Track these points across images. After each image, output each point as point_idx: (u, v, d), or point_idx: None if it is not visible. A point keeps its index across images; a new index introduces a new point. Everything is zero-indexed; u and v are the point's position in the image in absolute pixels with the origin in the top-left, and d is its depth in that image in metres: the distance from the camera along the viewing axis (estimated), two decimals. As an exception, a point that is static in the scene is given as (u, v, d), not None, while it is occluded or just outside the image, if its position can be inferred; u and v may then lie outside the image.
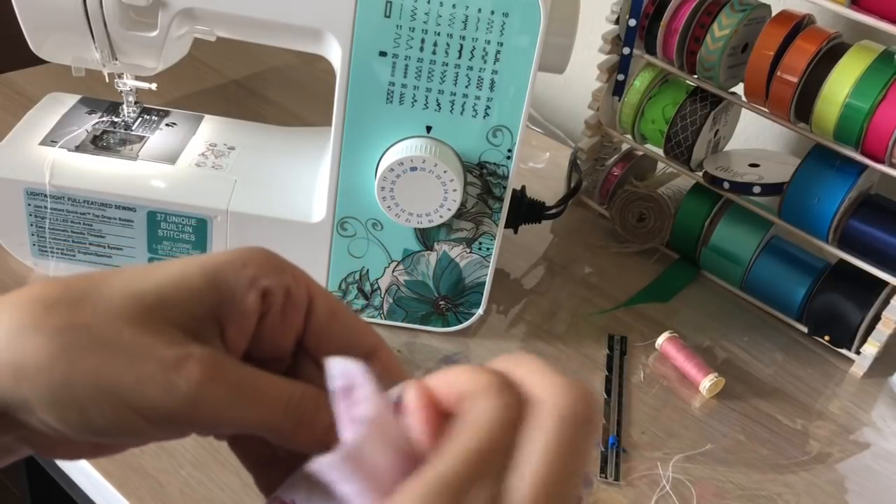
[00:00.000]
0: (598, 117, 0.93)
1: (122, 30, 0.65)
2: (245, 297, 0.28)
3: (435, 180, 0.66)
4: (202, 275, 0.28)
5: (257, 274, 0.28)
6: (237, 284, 0.28)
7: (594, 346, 0.79)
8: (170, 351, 0.26)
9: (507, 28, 0.62)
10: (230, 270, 0.28)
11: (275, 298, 0.29)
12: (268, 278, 0.28)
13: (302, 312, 0.30)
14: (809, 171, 0.79)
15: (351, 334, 0.30)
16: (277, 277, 0.29)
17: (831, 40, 0.76)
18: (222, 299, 0.28)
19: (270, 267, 0.29)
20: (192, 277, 0.27)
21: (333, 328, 0.30)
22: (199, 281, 0.28)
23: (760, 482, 0.68)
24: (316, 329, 0.30)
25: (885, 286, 0.78)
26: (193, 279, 0.27)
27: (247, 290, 0.28)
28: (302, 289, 0.29)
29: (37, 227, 0.71)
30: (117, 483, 0.59)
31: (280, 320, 0.29)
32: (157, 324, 0.26)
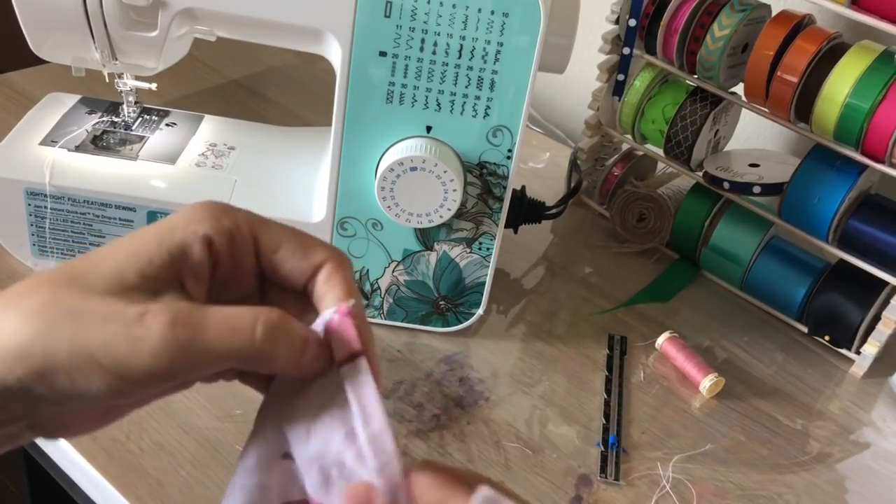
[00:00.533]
0: (598, 117, 0.93)
1: (122, 30, 0.65)
2: (192, 250, 0.31)
3: (435, 180, 0.66)
4: (154, 241, 0.31)
5: (199, 227, 0.32)
6: (184, 242, 0.31)
7: (594, 346, 0.79)
8: (131, 309, 0.29)
9: (507, 28, 0.62)
10: (177, 230, 0.31)
11: (218, 244, 0.32)
12: (208, 227, 0.32)
13: (250, 251, 0.33)
14: (809, 171, 0.79)
15: (299, 259, 0.33)
16: (217, 224, 0.32)
17: (831, 40, 0.76)
18: (173, 258, 0.31)
19: (211, 217, 0.32)
20: (145, 245, 0.31)
21: (282, 258, 0.33)
22: (151, 247, 0.31)
23: (760, 482, 0.68)
24: (266, 262, 0.33)
25: (885, 286, 0.78)
26: (146, 246, 0.31)
27: (193, 244, 0.31)
28: (244, 230, 0.32)
29: (37, 227, 0.71)
30: (117, 483, 0.59)
31: (231, 263, 0.32)
32: (121, 291, 0.30)
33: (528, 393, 0.72)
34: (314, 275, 0.33)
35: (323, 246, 0.34)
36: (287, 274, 0.33)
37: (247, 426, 0.38)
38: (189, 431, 0.63)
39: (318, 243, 0.34)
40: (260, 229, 0.33)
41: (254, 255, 0.33)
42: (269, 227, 0.33)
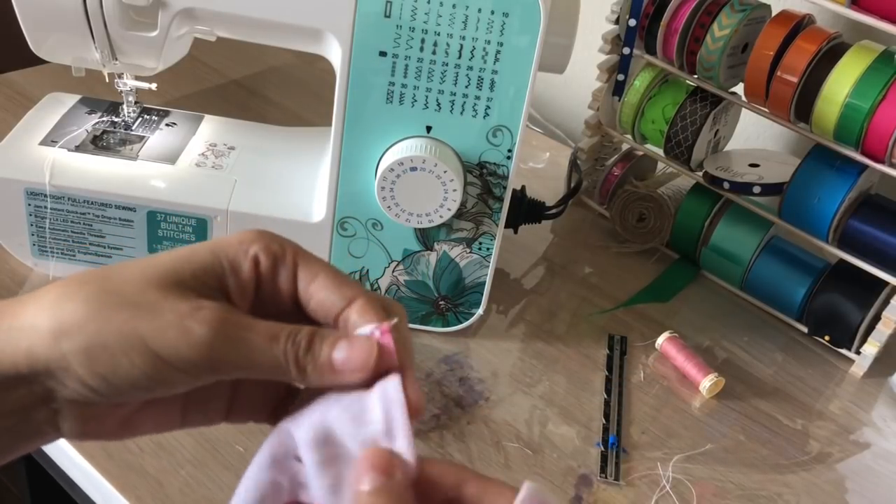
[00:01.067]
0: (598, 117, 0.93)
1: (122, 30, 0.65)
2: (242, 267, 0.34)
3: (435, 180, 0.66)
4: (208, 251, 0.34)
5: (250, 247, 0.34)
6: (235, 257, 0.34)
7: (594, 346, 0.79)
8: (185, 304, 0.32)
9: (507, 28, 0.62)
10: (229, 246, 0.34)
11: (264, 266, 0.34)
12: (257, 248, 0.34)
13: (291, 277, 0.35)
14: (809, 171, 0.79)
15: (331, 292, 0.35)
16: (266, 247, 0.35)
17: (831, 40, 0.76)
18: (224, 270, 0.34)
19: (261, 240, 0.35)
20: (199, 253, 0.34)
21: (316, 287, 0.35)
22: (205, 255, 0.34)
23: (760, 482, 0.68)
24: (303, 289, 0.35)
25: (885, 286, 0.78)
26: (201, 254, 0.34)
27: (243, 261, 0.34)
28: (288, 255, 0.35)
29: (37, 227, 0.71)
30: (117, 483, 0.59)
31: (273, 285, 0.35)
32: (173, 286, 0.32)
33: (528, 393, 0.72)
34: (346, 307, 0.34)
35: (356, 284, 0.35)
36: (320, 303, 0.35)
37: (247, 426, 0.38)
38: (189, 431, 0.63)
39: (353, 282, 0.35)
40: (301, 259, 0.35)
41: (293, 281, 0.35)
42: (309, 259, 0.35)
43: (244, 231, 0.35)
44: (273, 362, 0.33)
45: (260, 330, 0.32)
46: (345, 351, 0.33)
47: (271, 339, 0.32)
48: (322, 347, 0.33)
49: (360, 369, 0.33)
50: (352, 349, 0.33)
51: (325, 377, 0.33)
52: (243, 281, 0.34)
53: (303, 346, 0.33)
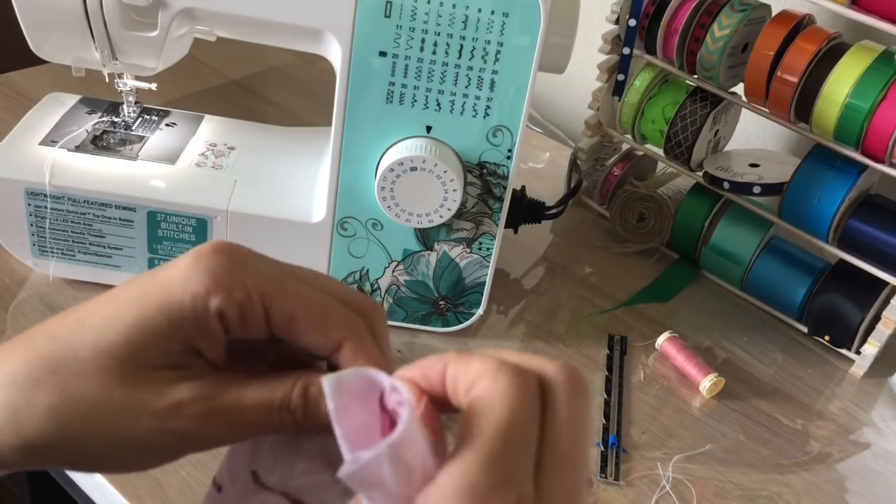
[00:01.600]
0: (598, 117, 0.93)
1: (122, 30, 0.65)
2: (207, 327, 0.29)
3: (435, 180, 0.66)
4: (164, 318, 0.28)
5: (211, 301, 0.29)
6: (196, 318, 0.29)
7: (594, 346, 0.79)
8: (160, 402, 0.28)
9: (507, 28, 0.62)
10: (185, 305, 0.29)
11: (231, 318, 0.29)
12: (219, 301, 0.29)
13: (263, 325, 0.30)
14: (809, 171, 0.79)
15: (315, 336, 0.30)
16: (228, 298, 0.29)
17: (831, 40, 0.76)
18: (187, 334, 0.29)
19: (222, 289, 0.29)
20: (154, 322, 0.28)
21: (297, 333, 0.30)
22: (161, 324, 0.28)
23: (760, 482, 0.68)
24: (282, 334, 0.30)
25: (885, 286, 0.78)
26: (154, 322, 0.28)
27: (206, 320, 0.29)
28: (256, 303, 0.29)
29: (37, 227, 0.71)
30: (117, 483, 0.59)
31: (243, 331, 0.30)
32: (139, 375, 0.28)
33: (528, 393, 0.72)
34: (335, 352, 0.31)
35: (339, 317, 0.30)
36: (307, 347, 0.31)
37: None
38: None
39: (335, 315, 0.30)
40: (273, 300, 0.30)
41: (268, 327, 0.30)
42: (282, 296, 0.30)
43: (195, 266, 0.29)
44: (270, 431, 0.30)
45: (249, 406, 0.29)
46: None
47: (266, 412, 0.29)
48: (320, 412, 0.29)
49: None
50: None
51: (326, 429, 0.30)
52: (212, 338, 0.30)
53: (299, 414, 0.30)
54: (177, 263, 0.29)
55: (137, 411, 0.28)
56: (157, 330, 0.28)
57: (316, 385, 0.30)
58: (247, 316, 0.29)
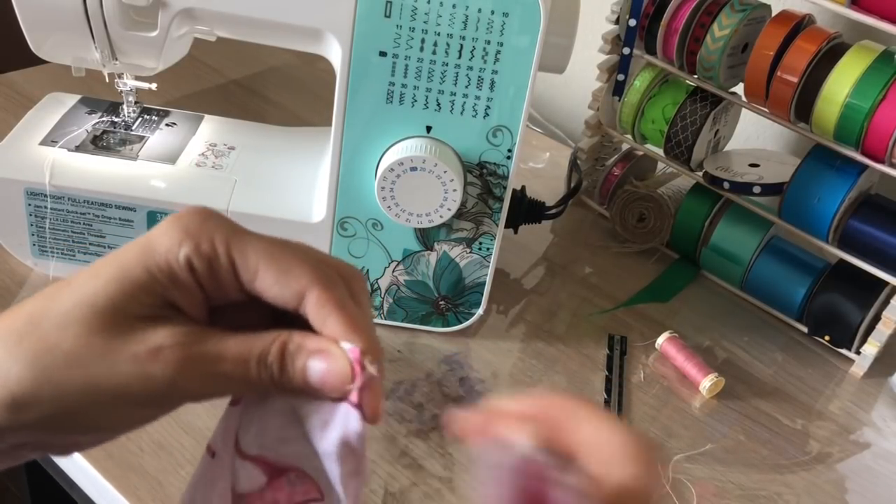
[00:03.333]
0: (598, 117, 0.93)
1: (122, 30, 0.65)
2: (179, 277, 0.30)
3: (435, 180, 0.66)
4: (141, 268, 0.30)
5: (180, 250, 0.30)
6: (170, 268, 0.30)
7: (594, 346, 0.79)
8: (140, 347, 0.29)
9: (507, 28, 0.62)
10: (160, 256, 0.30)
11: (199, 268, 0.30)
12: (188, 250, 0.30)
13: (231, 275, 0.31)
14: (809, 171, 0.79)
15: (280, 287, 0.31)
16: (196, 249, 0.30)
17: (831, 40, 0.76)
18: (164, 285, 0.30)
19: (189, 239, 0.30)
20: (132, 273, 0.30)
21: (261, 287, 0.31)
22: (139, 275, 0.30)
23: (760, 482, 0.68)
24: (249, 287, 0.31)
25: (885, 286, 0.78)
26: (134, 274, 0.30)
27: (179, 271, 0.30)
28: (221, 254, 0.31)
29: (37, 227, 0.71)
30: (117, 483, 0.59)
31: (215, 284, 0.31)
32: (118, 324, 0.29)
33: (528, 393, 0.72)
34: (301, 303, 0.31)
35: (303, 268, 0.31)
36: (273, 299, 0.31)
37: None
38: (189, 431, 0.63)
39: (299, 266, 0.31)
40: (237, 252, 0.31)
41: (237, 279, 0.31)
42: (245, 248, 0.31)
43: (169, 224, 0.31)
44: (248, 387, 0.30)
45: (228, 357, 0.30)
46: (320, 371, 0.30)
47: (242, 364, 0.30)
48: (296, 370, 0.30)
49: (337, 389, 0.30)
50: (328, 369, 0.30)
51: (305, 393, 0.31)
52: (187, 289, 0.30)
53: (276, 370, 0.30)
54: (158, 225, 0.31)
55: (116, 356, 0.29)
56: (136, 282, 0.29)
57: (295, 342, 0.30)
58: (214, 267, 0.30)
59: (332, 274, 0.32)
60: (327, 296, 0.31)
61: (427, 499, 0.62)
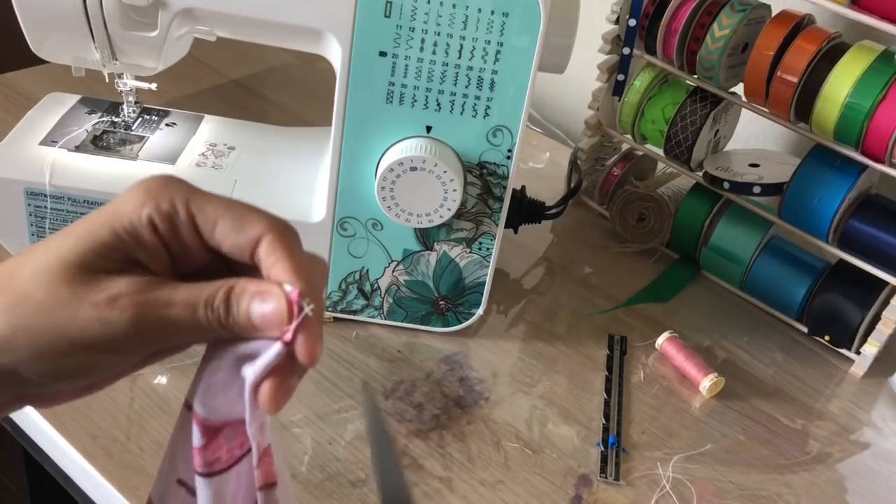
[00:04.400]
0: (598, 117, 0.93)
1: (122, 30, 0.65)
2: (143, 235, 0.33)
3: (435, 180, 0.66)
4: (107, 229, 0.33)
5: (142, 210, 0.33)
6: (133, 228, 0.33)
7: (594, 346, 0.79)
8: (100, 295, 0.32)
9: (507, 28, 0.62)
10: (124, 216, 0.33)
11: (161, 227, 0.33)
12: (150, 210, 0.33)
13: (191, 229, 0.34)
14: (809, 171, 0.79)
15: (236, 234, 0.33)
16: (157, 207, 0.33)
17: (831, 40, 0.76)
18: (128, 244, 0.33)
19: (151, 199, 0.33)
20: (99, 232, 0.33)
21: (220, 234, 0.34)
22: (105, 234, 0.33)
23: (760, 482, 0.68)
24: (209, 238, 0.34)
25: (885, 286, 0.78)
26: (101, 233, 0.33)
27: (141, 229, 0.33)
28: (181, 210, 0.33)
29: (37, 227, 0.71)
30: (117, 483, 0.59)
31: (177, 240, 0.34)
32: (82, 274, 0.32)
33: (528, 393, 0.72)
34: (256, 247, 0.33)
35: (259, 217, 0.34)
36: (230, 250, 0.34)
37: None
38: (189, 431, 0.63)
39: (255, 215, 0.34)
40: (196, 207, 0.33)
41: (196, 233, 0.34)
42: (204, 204, 0.34)
43: (134, 188, 0.34)
44: (198, 330, 0.33)
45: (178, 302, 0.32)
46: (261, 311, 0.32)
47: (191, 309, 0.32)
48: (240, 311, 0.33)
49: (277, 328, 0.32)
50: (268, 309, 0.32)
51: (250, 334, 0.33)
52: (150, 247, 0.33)
53: (222, 312, 0.33)
54: (125, 191, 0.34)
55: (79, 303, 0.31)
56: (102, 240, 0.32)
57: (240, 286, 0.33)
58: (174, 223, 0.33)
59: (288, 226, 0.34)
60: (279, 242, 0.33)
61: (427, 499, 0.62)
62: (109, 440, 0.62)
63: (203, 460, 0.34)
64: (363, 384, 0.70)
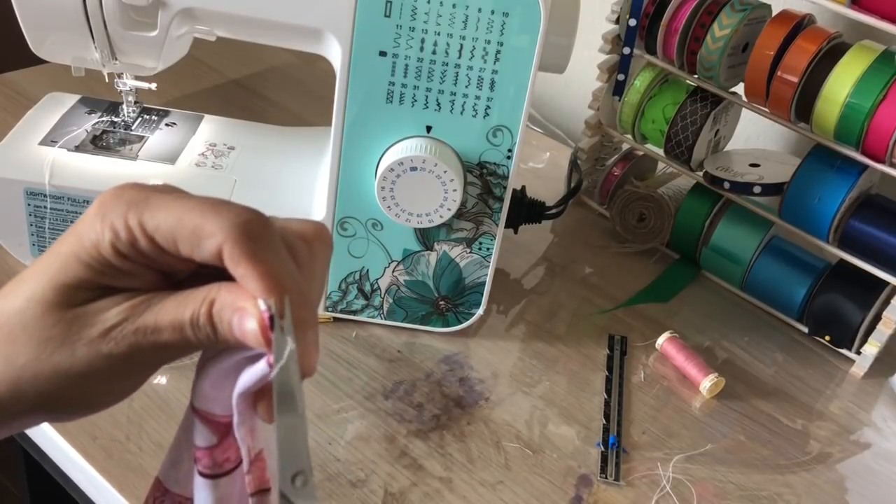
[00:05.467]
0: (598, 117, 0.92)
1: (122, 30, 0.65)
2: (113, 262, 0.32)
3: (435, 180, 0.66)
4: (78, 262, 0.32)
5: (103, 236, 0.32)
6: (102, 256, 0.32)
7: (594, 346, 0.79)
8: (93, 331, 0.32)
9: (507, 28, 0.62)
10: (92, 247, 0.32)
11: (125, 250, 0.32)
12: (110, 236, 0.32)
13: (153, 247, 0.32)
14: (810, 171, 0.79)
15: (197, 251, 0.31)
16: (113, 232, 0.32)
17: (831, 40, 0.76)
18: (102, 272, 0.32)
19: (106, 221, 0.32)
20: (69, 268, 0.32)
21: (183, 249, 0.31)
22: (75, 268, 0.32)
23: (760, 482, 0.68)
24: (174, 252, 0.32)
25: (886, 286, 0.78)
26: (71, 269, 0.32)
27: (110, 257, 0.32)
28: (136, 231, 0.31)
29: (37, 227, 0.71)
30: (117, 483, 0.59)
31: (148, 259, 0.32)
32: (71, 311, 0.32)
33: (528, 393, 0.72)
34: (218, 260, 0.31)
35: (214, 224, 0.31)
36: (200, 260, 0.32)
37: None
38: (189, 431, 0.63)
39: (210, 222, 0.31)
40: (150, 227, 0.31)
41: (160, 250, 0.32)
42: (157, 221, 0.31)
43: (92, 211, 0.32)
44: (195, 349, 0.33)
45: (165, 326, 0.31)
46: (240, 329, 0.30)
47: (179, 331, 0.31)
48: (223, 328, 0.31)
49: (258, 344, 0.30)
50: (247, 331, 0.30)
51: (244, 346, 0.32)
52: (124, 269, 0.32)
53: (209, 331, 0.31)
54: (87, 212, 0.33)
55: (72, 343, 0.31)
56: (76, 275, 0.32)
57: (220, 301, 0.31)
58: (138, 247, 0.31)
59: (249, 224, 0.32)
60: (239, 250, 0.30)
61: (427, 499, 0.62)
62: (109, 440, 0.62)
63: (212, 461, 0.34)
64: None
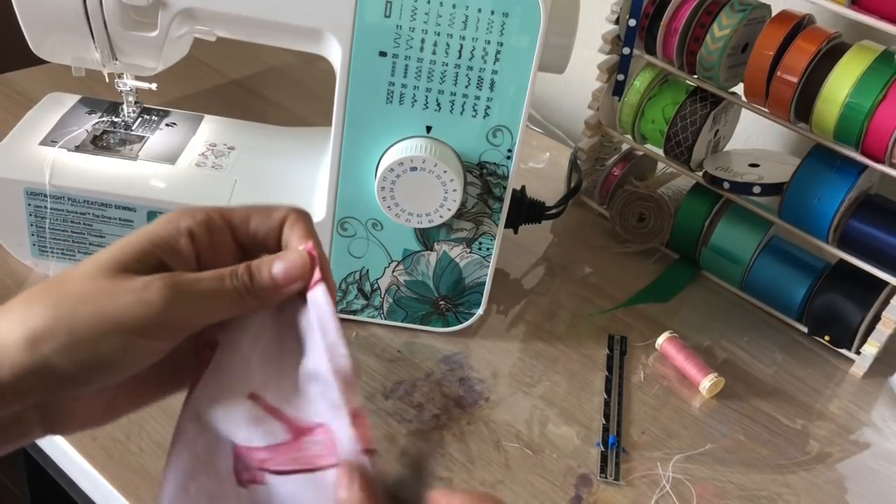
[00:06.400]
0: (598, 117, 0.93)
1: (122, 30, 0.65)
2: (179, 244, 0.38)
3: (435, 180, 0.66)
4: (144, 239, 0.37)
5: (181, 223, 0.38)
6: (170, 237, 0.38)
7: (594, 346, 0.79)
8: (136, 282, 0.36)
9: (507, 28, 0.62)
10: (162, 229, 0.38)
11: (199, 234, 0.38)
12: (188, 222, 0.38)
13: (227, 232, 0.39)
14: (809, 171, 0.79)
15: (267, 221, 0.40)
16: (193, 219, 0.38)
17: (831, 40, 0.76)
18: (162, 252, 0.37)
19: (188, 214, 0.38)
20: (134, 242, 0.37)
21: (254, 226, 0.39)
22: (142, 244, 0.37)
23: (760, 482, 0.68)
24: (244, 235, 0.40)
25: (885, 286, 0.78)
26: (135, 243, 0.37)
27: (178, 238, 0.38)
28: (216, 218, 0.39)
29: (37, 227, 0.71)
30: (117, 483, 0.59)
31: (212, 248, 0.39)
32: (121, 273, 0.36)
33: (528, 393, 0.72)
34: (282, 227, 0.39)
35: (283, 206, 0.40)
36: (263, 237, 0.39)
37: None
38: (189, 431, 0.63)
39: (279, 205, 0.40)
40: (230, 213, 0.39)
41: (230, 235, 0.39)
42: (235, 209, 0.40)
43: (171, 214, 0.38)
44: (227, 300, 0.37)
45: (206, 278, 0.37)
46: (281, 266, 0.38)
47: (219, 279, 0.37)
48: (262, 272, 0.38)
49: (299, 278, 0.38)
50: (287, 262, 0.38)
51: (274, 295, 0.38)
52: (182, 256, 0.38)
53: (247, 278, 0.37)
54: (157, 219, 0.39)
55: (117, 290, 0.35)
56: (137, 248, 0.37)
57: (258, 260, 0.38)
58: (211, 228, 0.38)
59: (300, 209, 0.40)
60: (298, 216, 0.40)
61: (427, 499, 0.62)
62: (109, 440, 0.62)
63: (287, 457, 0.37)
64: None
